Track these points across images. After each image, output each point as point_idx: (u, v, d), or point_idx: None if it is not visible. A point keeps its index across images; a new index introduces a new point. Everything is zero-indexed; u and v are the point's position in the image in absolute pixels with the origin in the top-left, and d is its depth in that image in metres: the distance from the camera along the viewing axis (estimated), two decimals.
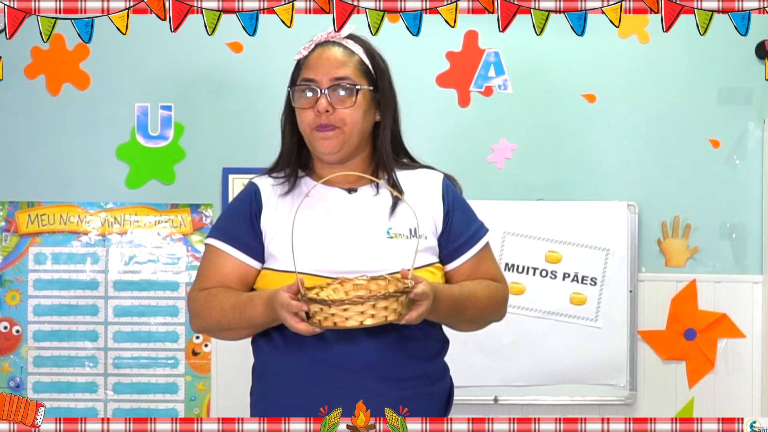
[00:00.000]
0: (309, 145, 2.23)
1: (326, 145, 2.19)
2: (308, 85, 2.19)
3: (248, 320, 2.15)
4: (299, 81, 2.21)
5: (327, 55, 2.21)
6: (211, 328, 2.24)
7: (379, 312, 1.98)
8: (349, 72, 2.20)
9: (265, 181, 2.27)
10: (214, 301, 2.18)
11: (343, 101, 2.19)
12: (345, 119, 2.18)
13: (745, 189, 3.67)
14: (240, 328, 2.18)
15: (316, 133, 2.19)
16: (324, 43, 2.23)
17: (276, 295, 2.05)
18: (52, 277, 3.63)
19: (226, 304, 2.16)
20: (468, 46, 3.63)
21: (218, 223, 2.30)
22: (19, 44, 2.55)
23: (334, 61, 2.20)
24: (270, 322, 2.13)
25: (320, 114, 2.17)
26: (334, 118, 2.18)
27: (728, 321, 3.66)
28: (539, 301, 3.58)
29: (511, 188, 3.63)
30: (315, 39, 2.23)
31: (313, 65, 2.20)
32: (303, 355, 2.14)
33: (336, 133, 2.18)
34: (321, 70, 2.19)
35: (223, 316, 2.17)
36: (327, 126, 2.18)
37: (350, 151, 2.22)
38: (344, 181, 2.24)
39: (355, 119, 2.20)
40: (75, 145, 3.64)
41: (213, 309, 2.18)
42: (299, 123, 2.22)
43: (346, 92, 2.19)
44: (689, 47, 3.62)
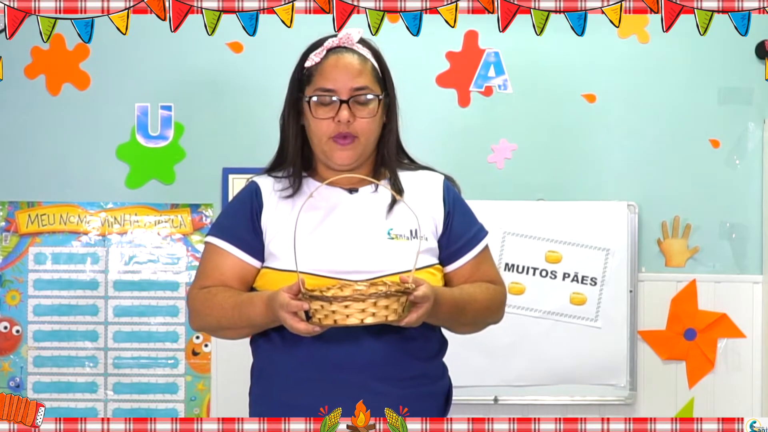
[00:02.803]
0: (322, 154, 2.21)
1: (344, 156, 2.18)
2: (328, 96, 2.17)
3: (248, 320, 2.15)
4: (316, 91, 2.18)
5: (344, 63, 2.18)
6: (211, 327, 2.24)
7: (379, 311, 1.98)
8: (367, 81, 2.19)
9: (265, 181, 2.27)
10: (214, 300, 2.18)
11: (362, 111, 2.18)
12: (364, 129, 2.18)
13: (745, 189, 3.67)
14: (239, 327, 2.18)
15: (333, 143, 2.18)
16: (336, 49, 2.20)
17: (276, 295, 2.05)
18: (52, 277, 3.63)
19: (227, 303, 2.17)
20: (468, 46, 3.63)
21: (218, 221, 2.30)
22: (19, 44, 2.55)
23: (352, 70, 2.18)
24: (269, 322, 2.13)
25: (340, 124, 2.16)
26: (353, 128, 2.17)
27: (728, 321, 3.66)
28: (539, 301, 3.58)
29: (511, 188, 3.63)
30: (326, 44, 2.20)
31: (330, 74, 2.18)
32: (302, 354, 2.14)
33: (354, 144, 2.18)
34: (340, 80, 2.17)
35: (223, 316, 2.17)
36: (347, 136, 2.17)
37: (363, 160, 2.22)
38: (346, 182, 2.24)
39: (372, 128, 2.20)
40: (75, 145, 3.64)
41: (213, 308, 2.18)
42: (315, 131, 2.19)
43: (365, 103, 2.18)
44: (689, 47, 3.62)
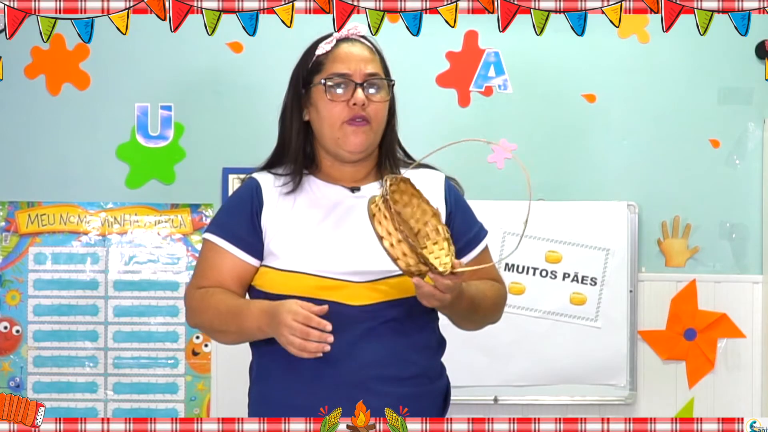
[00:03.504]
0: (333, 143, 2.20)
1: (357, 141, 2.19)
2: (342, 80, 2.19)
3: (238, 325, 2.14)
4: (330, 74, 2.19)
5: (356, 50, 2.21)
6: (204, 328, 2.25)
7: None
8: (377, 68, 2.22)
9: (265, 177, 2.26)
10: (210, 300, 2.18)
11: (375, 96, 2.20)
12: (377, 113, 2.20)
13: (745, 189, 3.67)
14: (229, 332, 2.17)
15: (347, 127, 2.18)
16: (346, 39, 2.23)
17: (285, 302, 2.05)
18: (52, 277, 3.63)
19: (222, 305, 2.16)
20: (468, 46, 3.63)
21: (218, 217, 2.28)
22: (19, 44, 2.55)
23: (364, 57, 2.21)
24: (258, 330, 2.11)
25: (355, 107, 2.17)
26: (367, 111, 2.18)
27: (728, 321, 3.66)
28: (539, 301, 3.58)
29: (511, 188, 3.63)
30: (335, 35, 2.23)
31: (344, 59, 2.20)
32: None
33: (367, 129, 2.19)
34: (353, 65, 2.19)
35: (216, 317, 2.17)
36: (361, 119, 2.18)
37: (372, 149, 2.23)
38: (349, 179, 2.24)
39: (384, 115, 2.22)
40: (75, 145, 3.64)
41: (208, 309, 2.18)
42: (326, 117, 2.19)
43: (378, 87, 2.20)
44: (689, 47, 3.62)
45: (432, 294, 2.02)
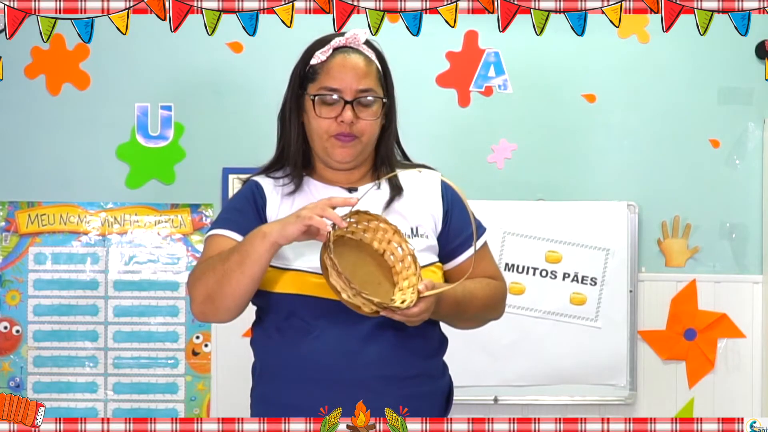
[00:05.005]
0: (322, 151, 2.21)
1: (344, 153, 2.18)
2: (331, 95, 2.17)
3: (240, 251, 2.06)
4: (321, 89, 2.17)
5: (350, 64, 2.18)
6: (211, 288, 2.10)
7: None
8: (371, 83, 2.18)
9: (265, 180, 2.26)
10: (215, 258, 2.11)
11: (365, 113, 2.18)
12: (365, 130, 2.18)
13: (745, 189, 3.67)
14: (232, 271, 2.06)
15: (334, 140, 2.18)
16: (342, 49, 2.19)
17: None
18: (52, 277, 3.63)
19: (225, 252, 2.10)
20: (468, 46, 3.63)
21: (221, 216, 2.25)
22: (19, 44, 2.56)
23: (358, 71, 2.17)
24: (261, 237, 2.04)
25: (342, 124, 2.16)
26: (355, 128, 2.17)
27: (728, 321, 3.66)
28: (539, 301, 3.58)
29: (511, 188, 3.63)
30: (333, 43, 2.19)
31: (336, 74, 2.17)
32: (303, 354, 2.13)
33: (355, 143, 2.18)
34: (345, 81, 2.16)
35: (219, 262, 2.08)
36: (348, 135, 2.17)
37: (363, 159, 2.22)
38: (345, 180, 2.24)
39: (374, 130, 2.20)
40: (75, 145, 3.64)
41: (215, 264, 2.09)
42: (315, 128, 2.19)
43: (369, 104, 2.18)
44: (689, 47, 3.62)
45: (406, 321, 2.03)
